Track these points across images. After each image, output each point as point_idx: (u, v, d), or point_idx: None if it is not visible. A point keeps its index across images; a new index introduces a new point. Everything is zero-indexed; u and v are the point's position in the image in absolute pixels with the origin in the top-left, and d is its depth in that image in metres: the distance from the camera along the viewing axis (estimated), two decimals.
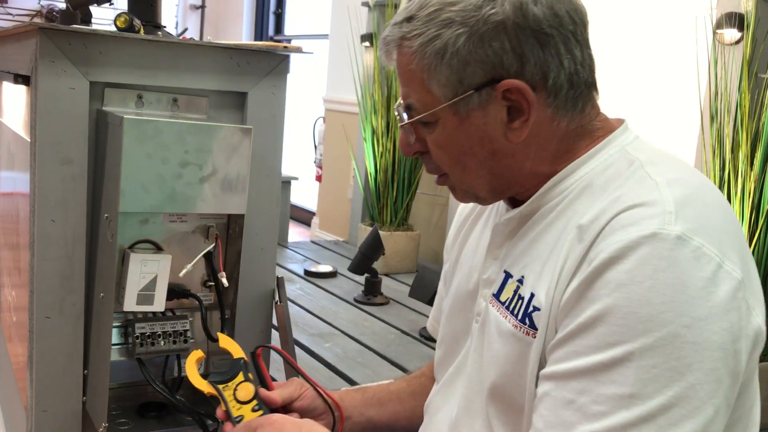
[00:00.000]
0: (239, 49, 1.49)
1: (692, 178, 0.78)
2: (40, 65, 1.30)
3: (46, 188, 1.33)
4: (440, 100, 0.80)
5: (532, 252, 0.81)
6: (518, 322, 0.80)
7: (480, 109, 0.79)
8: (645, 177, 0.75)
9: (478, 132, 0.80)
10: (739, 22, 2.24)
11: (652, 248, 0.67)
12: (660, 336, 0.65)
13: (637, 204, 0.71)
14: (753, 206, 2.09)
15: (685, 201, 0.72)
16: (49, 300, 1.36)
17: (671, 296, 0.66)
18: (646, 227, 0.69)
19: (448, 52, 0.77)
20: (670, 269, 0.67)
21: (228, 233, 1.44)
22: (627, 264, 0.68)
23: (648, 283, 0.66)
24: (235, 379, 1.12)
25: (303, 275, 3.52)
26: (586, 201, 0.78)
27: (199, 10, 6.37)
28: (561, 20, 0.77)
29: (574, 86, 0.79)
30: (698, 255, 0.68)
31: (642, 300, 0.66)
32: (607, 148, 0.81)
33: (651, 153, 0.81)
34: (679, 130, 2.93)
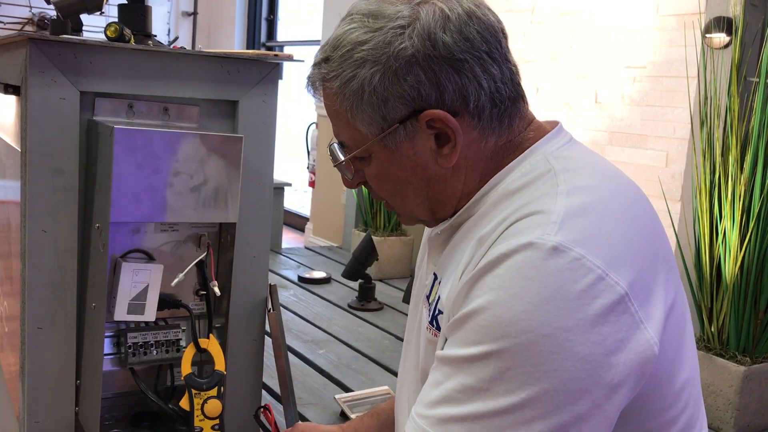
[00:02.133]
0: (230, 57, 1.49)
1: (603, 186, 0.78)
2: (30, 75, 1.30)
3: (37, 198, 1.33)
4: (368, 136, 0.82)
5: (451, 258, 0.85)
6: (429, 323, 0.86)
7: (408, 140, 0.81)
8: (551, 187, 0.76)
9: (409, 162, 0.82)
10: (727, 26, 2.25)
11: (524, 257, 0.69)
12: (518, 342, 0.67)
13: (532, 212, 0.73)
14: (743, 209, 2.10)
15: (578, 211, 0.72)
16: (41, 310, 1.36)
17: (535, 305, 0.67)
18: (525, 237, 0.70)
19: (365, 91, 0.78)
20: (538, 279, 0.68)
21: (220, 242, 1.44)
22: (500, 270, 0.70)
23: (514, 290, 0.68)
24: (210, 391, 1.14)
25: (297, 281, 3.52)
26: (498, 209, 0.80)
27: (191, 17, 6.37)
28: (472, 43, 0.78)
29: (497, 104, 0.80)
30: (575, 266, 0.68)
31: (505, 306, 0.68)
32: (529, 158, 0.82)
33: (570, 161, 0.81)
34: (670, 134, 2.94)
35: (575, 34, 3.27)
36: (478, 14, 0.79)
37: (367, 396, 2.05)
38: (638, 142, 3.01)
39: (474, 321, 0.70)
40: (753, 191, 2.08)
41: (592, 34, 3.20)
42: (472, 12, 0.79)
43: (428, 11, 0.77)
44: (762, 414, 2.19)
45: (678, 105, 2.88)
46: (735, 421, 2.14)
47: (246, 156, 1.40)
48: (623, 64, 3.09)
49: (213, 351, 1.41)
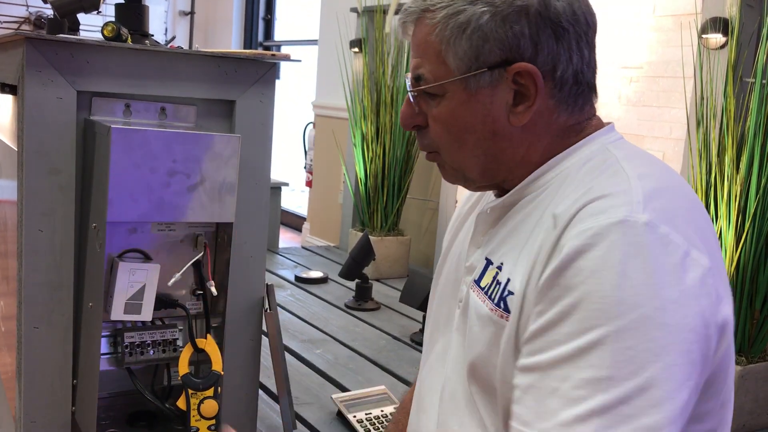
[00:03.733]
0: (227, 57, 1.49)
1: (665, 175, 0.81)
2: (26, 75, 1.29)
3: (34, 198, 1.33)
4: (453, 72, 0.82)
5: (511, 240, 0.84)
6: (494, 305, 0.82)
7: (489, 88, 0.82)
8: (619, 171, 0.78)
9: (483, 110, 0.82)
10: (723, 26, 2.26)
11: (621, 234, 0.69)
12: (633, 318, 0.67)
13: (606, 194, 0.74)
14: (739, 209, 2.10)
15: (654, 193, 0.74)
16: (38, 310, 1.36)
17: (642, 280, 0.68)
18: (614, 215, 0.71)
19: (470, 26, 0.80)
20: (640, 254, 0.69)
21: (217, 242, 1.44)
22: (598, 251, 0.70)
23: (619, 267, 0.68)
24: (207, 391, 1.14)
25: (294, 281, 3.52)
26: (562, 192, 0.81)
27: (188, 16, 6.36)
28: (578, 19, 0.81)
29: (578, 83, 0.83)
30: (666, 242, 0.70)
31: (614, 284, 0.68)
32: (588, 145, 0.84)
33: (629, 151, 0.84)
34: (666, 134, 2.94)
35: None
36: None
37: (364, 396, 2.05)
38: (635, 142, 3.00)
39: (581, 308, 0.69)
40: (749, 191, 2.09)
41: None
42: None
43: None
44: (758, 414, 2.19)
45: (674, 105, 2.88)
46: None
47: (243, 156, 1.40)
48: (620, 64, 3.10)
49: (210, 351, 1.41)
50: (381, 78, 3.66)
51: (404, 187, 3.74)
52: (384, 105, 3.65)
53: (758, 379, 2.16)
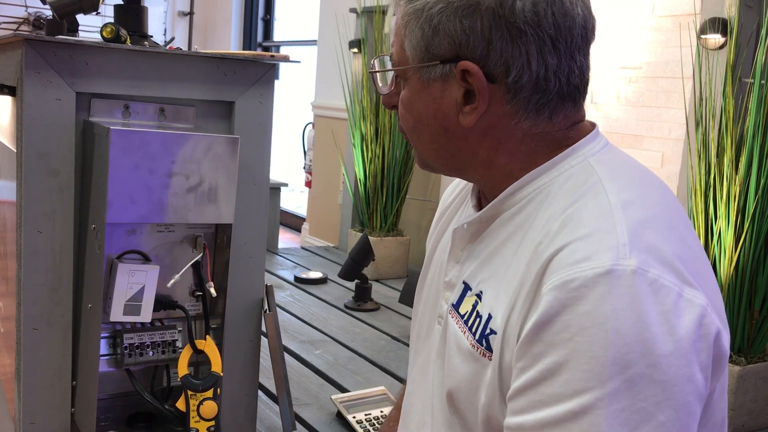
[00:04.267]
0: (226, 58, 1.49)
1: (648, 195, 0.76)
2: (25, 76, 1.29)
3: (33, 199, 1.33)
4: (408, 60, 0.81)
5: (490, 266, 0.80)
6: (476, 342, 0.78)
7: (440, 82, 0.79)
8: (600, 193, 0.73)
9: (434, 104, 0.80)
10: (722, 27, 2.26)
11: (609, 287, 0.65)
12: (626, 378, 0.64)
13: (586, 234, 0.69)
14: (738, 210, 2.10)
15: (639, 227, 0.70)
16: (37, 311, 1.36)
17: (634, 336, 0.64)
18: (600, 263, 0.66)
19: (423, 15, 0.78)
20: (630, 307, 0.65)
21: (216, 243, 1.44)
22: (585, 305, 0.65)
23: (609, 324, 0.64)
24: (206, 392, 1.14)
25: (293, 282, 3.52)
26: (542, 214, 0.76)
27: (187, 16, 6.36)
28: (540, 21, 0.75)
29: (539, 92, 0.77)
30: (656, 288, 0.66)
31: (604, 343, 0.64)
32: (569, 159, 0.79)
33: (611, 165, 0.78)
34: (665, 134, 2.95)
35: None
36: (566, 1, 0.76)
37: (364, 396, 2.06)
38: (634, 143, 3.01)
39: (570, 369, 0.65)
40: (748, 192, 2.09)
41: None
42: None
43: None
44: (757, 414, 2.19)
45: (673, 106, 2.89)
46: (730, 420, 2.15)
47: (242, 157, 1.40)
48: (619, 64, 3.10)
49: (209, 352, 1.41)
50: None
51: (403, 188, 3.74)
52: (382, 105, 3.65)
53: (757, 379, 2.16)
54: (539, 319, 0.68)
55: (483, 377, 0.77)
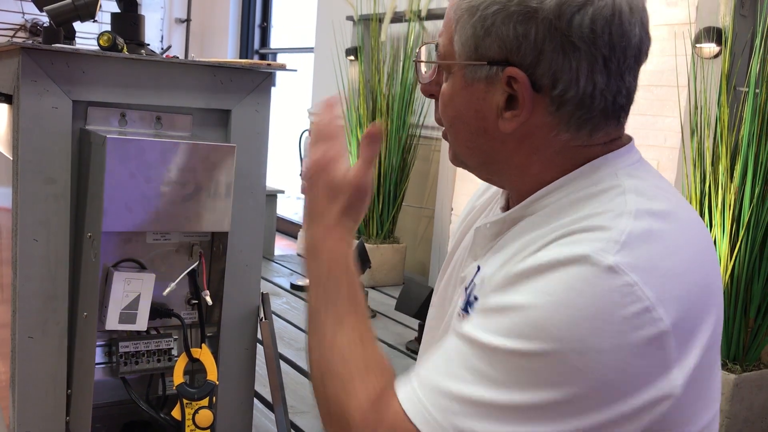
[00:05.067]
0: (222, 66, 1.49)
1: (672, 217, 0.74)
2: (22, 84, 1.30)
3: (29, 207, 1.33)
4: (455, 56, 0.80)
5: (501, 254, 0.82)
6: (462, 310, 0.82)
7: (484, 83, 0.78)
8: (621, 203, 0.73)
9: (475, 104, 0.79)
10: (717, 36, 2.27)
11: (577, 269, 0.67)
12: (547, 348, 0.65)
13: (594, 227, 0.70)
14: (733, 218, 2.11)
15: (642, 236, 0.69)
16: (32, 320, 1.35)
17: (574, 318, 0.65)
18: (582, 248, 0.68)
19: (477, 14, 0.76)
20: (586, 294, 0.66)
21: (212, 251, 1.44)
22: (550, 276, 0.68)
23: (557, 297, 0.66)
24: (202, 401, 1.14)
25: (289, 289, 3.52)
26: (561, 216, 0.77)
27: (184, 23, 6.37)
28: (596, 39, 0.73)
29: (583, 108, 0.76)
30: (625, 291, 0.66)
31: (544, 310, 0.66)
32: (599, 170, 0.79)
33: (640, 181, 0.77)
34: (661, 143, 2.96)
35: None
36: (624, 20, 0.74)
37: None
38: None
39: (507, 315, 0.69)
40: (743, 200, 2.09)
41: None
42: (620, 14, 0.74)
43: None
44: (752, 422, 2.19)
45: (669, 114, 2.90)
46: (726, 429, 2.15)
47: (239, 165, 1.40)
48: None
49: (205, 360, 1.41)
50: (377, 86, 3.67)
51: (400, 195, 3.75)
52: (380, 113, 3.66)
53: (752, 388, 2.16)
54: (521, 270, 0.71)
55: None
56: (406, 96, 3.63)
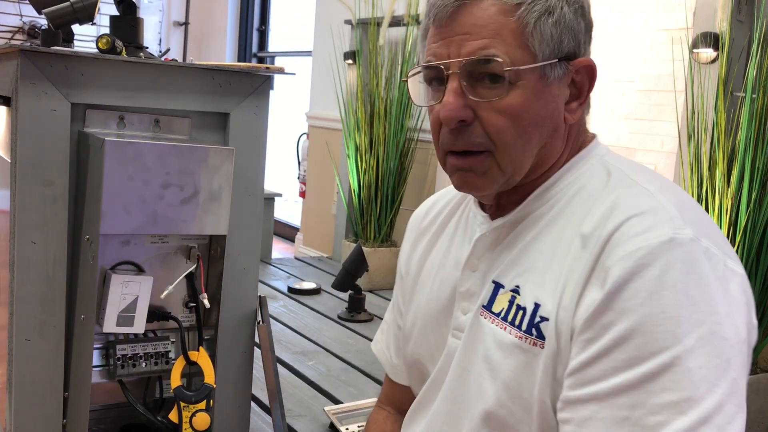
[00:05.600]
0: (221, 70, 1.50)
1: (671, 185, 0.80)
2: (20, 87, 1.30)
3: (27, 209, 1.33)
4: (535, 58, 0.77)
5: (525, 261, 0.80)
6: (523, 333, 0.77)
7: (558, 80, 0.79)
8: (633, 184, 0.77)
9: (552, 104, 0.79)
10: (714, 41, 2.28)
11: (674, 253, 0.68)
12: (699, 335, 0.66)
13: (641, 212, 0.72)
14: (730, 223, 2.11)
15: (681, 205, 0.74)
16: (30, 322, 1.35)
17: (699, 296, 0.67)
18: (662, 233, 0.69)
19: (556, 12, 0.78)
20: (694, 270, 0.68)
21: (210, 254, 1.44)
22: (653, 271, 0.68)
23: (678, 286, 0.67)
24: (199, 404, 1.14)
25: (286, 292, 3.52)
26: (578, 209, 0.78)
27: (182, 27, 6.37)
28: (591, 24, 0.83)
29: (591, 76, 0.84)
30: (709, 255, 0.70)
31: (676, 304, 0.67)
32: (587, 158, 0.83)
33: (626, 164, 0.83)
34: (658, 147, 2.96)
35: None
36: None
37: (357, 408, 2.05)
38: (627, 155, 3.02)
39: (645, 332, 0.67)
40: (740, 205, 2.10)
41: None
42: None
43: None
44: (749, 426, 2.20)
45: (666, 119, 2.90)
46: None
47: (237, 168, 1.40)
48: (612, 77, 3.12)
49: (203, 364, 1.41)
50: (375, 90, 3.68)
51: (397, 198, 3.75)
52: (378, 117, 3.66)
53: (749, 392, 2.16)
54: (609, 289, 0.70)
55: (534, 366, 0.76)
56: (404, 100, 3.64)
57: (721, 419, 0.65)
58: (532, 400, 0.77)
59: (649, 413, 0.66)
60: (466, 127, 0.78)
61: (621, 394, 0.67)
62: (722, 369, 0.66)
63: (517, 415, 0.78)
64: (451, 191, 1.00)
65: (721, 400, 0.65)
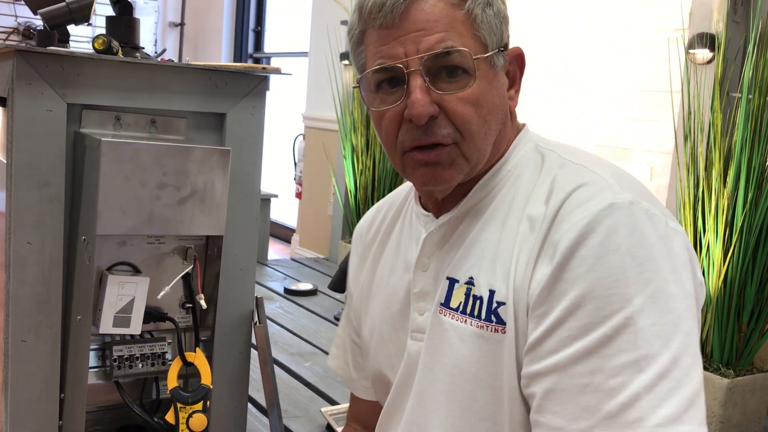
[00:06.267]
0: (217, 70, 1.49)
1: (602, 160, 0.82)
2: (16, 87, 1.29)
3: (23, 210, 1.32)
4: (486, 48, 0.79)
5: (474, 253, 0.81)
6: (483, 322, 0.78)
7: (502, 68, 0.82)
8: (567, 163, 0.79)
9: (501, 90, 0.82)
10: (710, 42, 2.28)
11: (614, 217, 0.70)
12: (648, 294, 0.67)
13: (581, 184, 0.74)
14: (726, 223, 2.12)
15: (616, 174, 0.76)
16: (26, 323, 1.35)
17: (644, 256, 0.69)
18: (602, 200, 0.72)
19: (495, 3, 0.80)
20: (636, 232, 0.70)
21: (206, 254, 1.44)
22: (597, 237, 0.70)
23: (623, 249, 0.69)
24: (196, 405, 1.14)
25: (283, 293, 3.51)
26: (519, 194, 0.80)
27: (178, 27, 6.36)
28: None
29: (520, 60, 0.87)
30: (650, 215, 0.72)
31: (622, 266, 0.68)
32: (521, 145, 0.85)
33: (558, 146, 0.85)
34: (654, 148, 2.97)
35: (561, 48, 3.30)
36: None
37: None
38: (623, 156, 3.03)
39: (595, 297, 0.68)
40: (736, 205, 2.10)
41: (579, 47, 3.24)
42: None
43: None
44: (745, 426, 2.20)
45: (662, 119, 2.91)
46: None
47: (233, 168, 1.40)
48: (608, 78, 3.13)
49: (199, 365, 1.41)
50: None
51: None
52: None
53: (745, 392, 2.17)
54: (557, 261, 0.71)
55: (500, 353, 0.77)
56: None
57: (679, 372, 0.66)
58: (503, 388, 0.77)
59: (608, 377, 0.67)
60: (435, 121, 0.79)
61: (579, 362, 0.68)
62: (674, 324, 0.67)
63: (491, 405, 0.79)
64: (388, 200, 1.01)
65: (676, 354, 0.67)
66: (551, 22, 3.37)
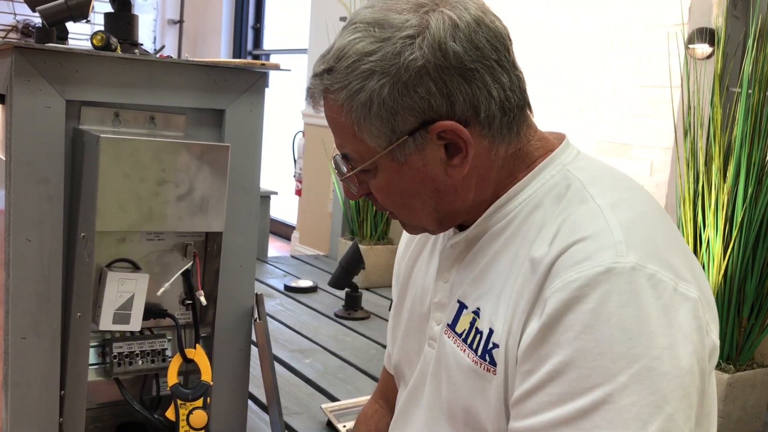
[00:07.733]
0: (216, 66, 1.49)
1: (632, 196, 0.78)
2: (15, 84, 1.29)
3: (22, 207, 1.32)
4: (375, 150, 0.78)
5: (485, 282, 0.81)
6: (478, 358, 0.78)
7: (417, 152, 0.78)
8: (587, 199, 0.75)
9: (418, 174, 0.79)
10: (710, 37, 2.28)
11: (611, 284, 0.66)
12: (633, 372, 0.65)
13: (585, 236, 0.71)
14: (726, 218, 2.12)
15: (631, 225, 0.72)
16: (25, 321, 1.35)
17: (637, 330, 0.65)
18: (600, 262, 0.68)
19: (374, 103, 0.75)
20: (632, 303, 0.66)
21: (206, 251, 1.44)
22: (589, 303, 0.66)
23: (614, 320, 0.65)
24: (196, 401, 1.14)
25: (283, 290, 3.51)
26: (533, 228, 0.77)
27: (177, 25, 6.35)
28: (482, 52, 0.75)
29: (506, 113, 0.78)
30: (654, 282, 0.67)
31: (610, 339, 0.65)
32: (548, 169, 0.81)
33: (590, 171, 0.80)
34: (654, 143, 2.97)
35: (560, 44, 3.30)
36: (486, 21, 0.76)
37: (354, 405, 2.05)
38: (623, 151, 3.03)
39: (578, 366, 0.66)
40: (736, 200, 2.10)
41: (577, 43, 3.23)
42: (480, 19, 0.76)
43: (437, 20, 0.74)
44: (745, 422, 2.20)
45: (662, 115, 2.91)
46: (719, 429, 2.15)
47: (232, 165, 1.40)
48: (607, 73, 3.12)
49: (199, 361, 1.41)
50: None
51: None
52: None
53: (746, 387, 2.17)
54: (545, 321, 0.69)
55: (488, 393, 0.77)
56: None
57: None
58: (487, 427, 0.77)
59: None
60: (372, 197, 0.83)
61: (554, 429, 0.67)
62: (656, 406, 0.64)
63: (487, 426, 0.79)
64: None
65: None
66: (551, 21, 3.36)
